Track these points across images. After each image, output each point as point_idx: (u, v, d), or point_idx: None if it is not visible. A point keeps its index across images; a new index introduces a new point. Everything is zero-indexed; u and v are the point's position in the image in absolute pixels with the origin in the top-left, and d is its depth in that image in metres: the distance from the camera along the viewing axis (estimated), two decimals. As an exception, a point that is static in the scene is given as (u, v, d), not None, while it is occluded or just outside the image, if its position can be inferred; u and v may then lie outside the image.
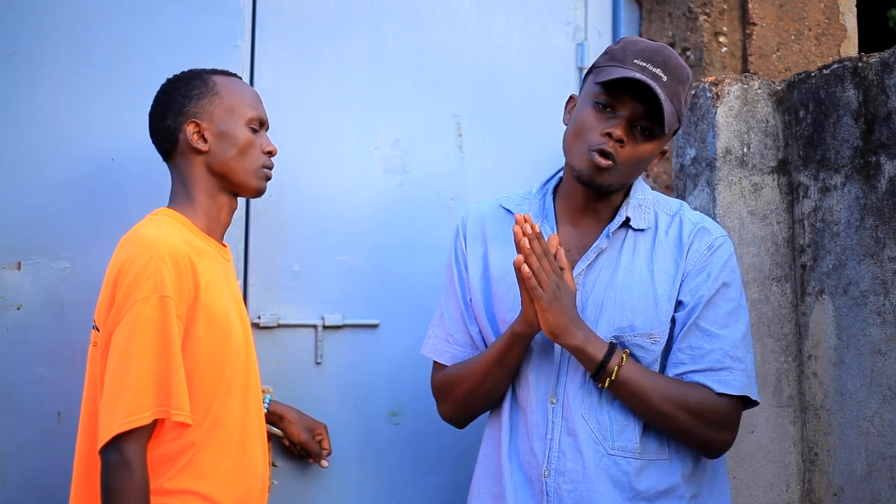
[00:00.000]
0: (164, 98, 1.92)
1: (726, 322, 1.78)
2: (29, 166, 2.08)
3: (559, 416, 1.79)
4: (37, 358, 2.05)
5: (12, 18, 2.08)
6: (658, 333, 1.78)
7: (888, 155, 2.01)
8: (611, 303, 1.80)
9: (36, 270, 2.07)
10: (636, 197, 1.87)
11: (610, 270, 1.82)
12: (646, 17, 2.66)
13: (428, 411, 2.34)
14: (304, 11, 2.33)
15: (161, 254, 1.72)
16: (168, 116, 1.90)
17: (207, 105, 1.89)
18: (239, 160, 1.89)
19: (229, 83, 1.93)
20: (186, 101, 1.89)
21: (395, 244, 2.35)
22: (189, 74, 1.94)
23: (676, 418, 1.73)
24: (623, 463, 1.75)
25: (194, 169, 1.89)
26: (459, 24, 2.46)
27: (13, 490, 2.03)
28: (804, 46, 2.54)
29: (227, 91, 1.91)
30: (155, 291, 1.70)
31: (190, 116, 1.88)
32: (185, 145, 1.88)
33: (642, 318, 1.78)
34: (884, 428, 2.00)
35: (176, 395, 1.69)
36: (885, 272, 2.00)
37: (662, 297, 1.79)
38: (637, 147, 1.77)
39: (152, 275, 1.70)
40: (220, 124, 1.88)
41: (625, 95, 1.75)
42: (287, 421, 2.16)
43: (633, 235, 1.84)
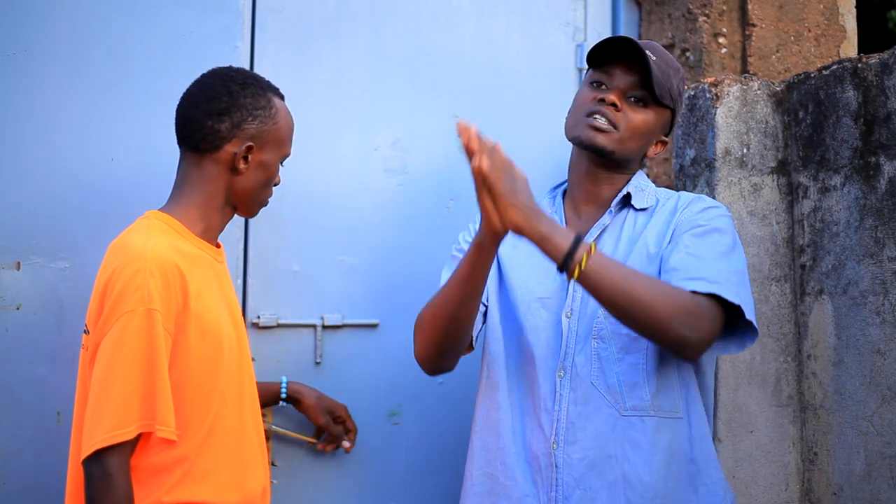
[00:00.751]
0: (226, 99, 1.83)
1: (720, 257, 1.76)
2: (29, 166, 2.08)
3: (566, 387, 1.81)
4: (36, 358, 2.05)
5: (12, 19, 2.08)
6: None
7: (888, 155, 2.01)
8: None
9: (36, 270, 2.07)
10: (637, 181, 1.92)
11: (612, 244, 1.87)
12: (645, 18, 2.66)
13: (428, 411, 2.34)
14: (304, 11, 2.33)
15: (148, 265, 1.69)
16: (225, 121, 1.81)
17: (266, 132, 1.84)
18: (260, 191, 1.88)
19: (283, 111, 1.89)
20: (249, 118, 1.83)
21: (394, 244, 2.35)
22: (254, 83, 1.87)
23: (654, 305, 1.66)
24: (637, 422, 1.76)
25: (217, 180, 1.83)
26: (459, 24, 2.46)
27: (13, 490, 2.03)
28: (804, 47, 2.54)
29: (282, 121, 1.87)
30: (142, 304, 1.67)
31: (250, 137, 1.82)
32: (227, 157, 1.82)
33: None
34: (883, 427, 2.00)
35: (161, 410, 1.66)
36: (884, 272, 2.00)
37: (654, 255, 1.82)
38: (632, 114, 1.85)
39: (139, 287, 1.67)
40: (265, 154, 1.85)
41: (615, 69, 1.86)
42: (305, 404, 2.15)
43: (634, 214, 1.90)
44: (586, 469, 1.76)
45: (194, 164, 1.83)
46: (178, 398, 1.73)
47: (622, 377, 1.78)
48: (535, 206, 1.65)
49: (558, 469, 1.78)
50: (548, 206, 1.99)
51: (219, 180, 1.83)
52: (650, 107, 1.86)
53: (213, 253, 1.88)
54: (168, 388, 1.68)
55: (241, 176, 1.83)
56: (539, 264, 1.88)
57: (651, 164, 2.60)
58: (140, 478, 1.69)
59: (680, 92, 1.90)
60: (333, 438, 2.20)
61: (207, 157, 1.82)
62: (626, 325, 1.71)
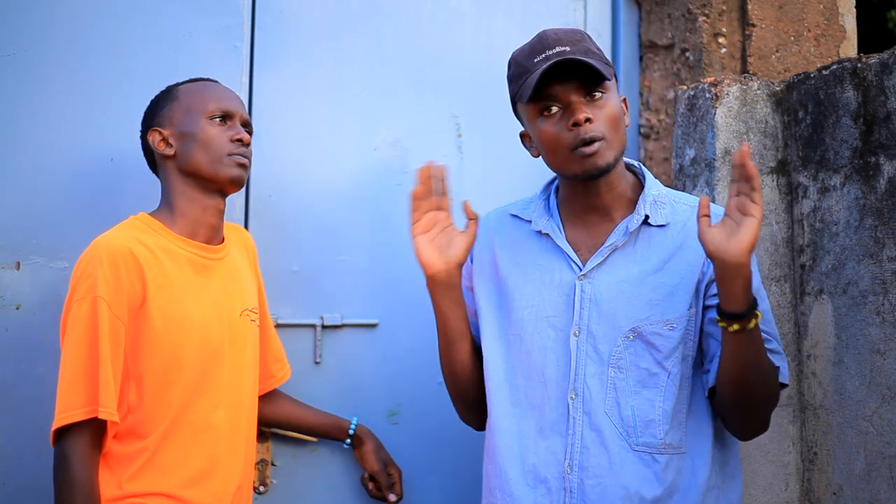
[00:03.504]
0: (142, 123, 2.00)
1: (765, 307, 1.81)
2: (29, 166, 2.09)
3: (580, 410, 1.78)
4: (36, 358, 2.05)
5: (13, 19, 2.09)
6: (675, 320, 1.77)
7: (887, 155, 2.01)
8: (625, 297, 1.78)
9: (35, 270, 2.07)
10: (651, 193, 1.84)
11: (625, 265, 1.80)
12: (645, 18, 2.66)
13: (427, 411, 2.34)
14: (304, 11, 2.33)
15: (99, 255, 1.77)
16: (142, 132, 1.98)
17: (167, 112, 1.94)
18: (203, 154, 1.90)
19: (192, 87, 1.96)
20: (151, 114, 1.96)
21: (394, 244, 2.35)
22: (162, 91, 2.00)
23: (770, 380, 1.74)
24: (648, 458, 1.74)
25: (169, 174, 1.94)
26: (459, 24, 2.46)
27: (13, 490, 2.03)
28: (803, 47, 2.54)
29: (186, 94, 1.95)
30: (89, 293, 1.76)
31: (153, 125, 1.94)
32: (158, 155, 1.94)
33: (659, 309, 1.77)
34: (883, 427, 2.00)
35: (101, 393, 1.72)
36: (884, 272, 2.00)
37: (680, 287, 1.78)
38: (602, 112, 1.75)
39: (88, 276, 1.77)
40: (180, 125, 1.92)
41: (553, 88, 1.75)
42: (365, 449, 2.19)
43: (649, 231, 1.82)
44: (598, 497, 1.74)
45: (159, 178, 1.98)
46: (139, 388, 1.79)
47: (637, 411, 1.76)
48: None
49: (571, 494, 1.75)
50: (542, 211, 1.91)
51: (169, 174, 1.93)
52: (605, 89, 1.77)
53: (202, 250, 1.90)
54: (110, 371, 1.74)
55: (175, 157, 1.92)
56: (542, 280, 1.85)
57: (651, 165, 2.60)
58: (106, 464, 1.77)
59: (599, 48, 1.82)
60: (380, 488, 2.20)
61: (156, 167, 1.97)
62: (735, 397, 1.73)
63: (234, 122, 1.94)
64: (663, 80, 2.62)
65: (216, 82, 2.01)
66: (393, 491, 2.19)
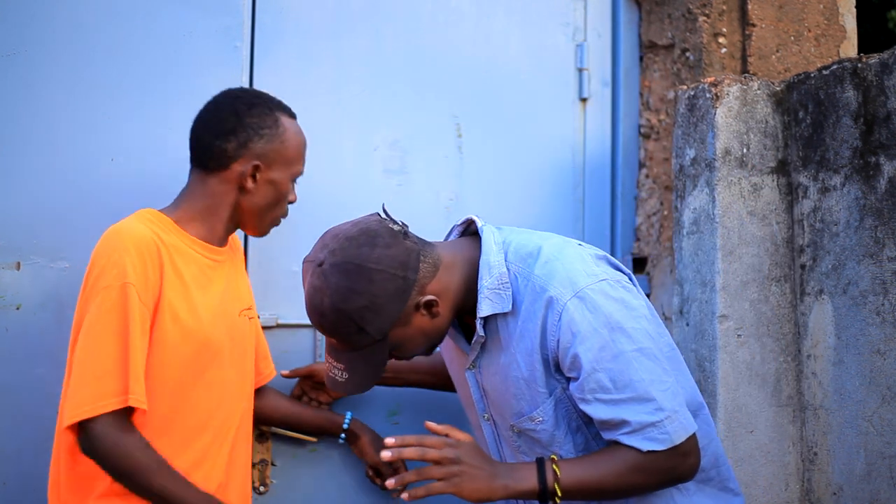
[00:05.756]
0: (233, 120, 1.87)
1: (624, 382, 1.65)
2: (29, 166, 2.08)
3: None
4: (36, 358, 2.05)
5: (13, 19, 2.08)
6: (539, 414, 1.75)
7: (887, 155, 2.01)
8: (499, 390, 1.80)
9: (35, 270, 2.07)
10: (484, 287, 1.73)
11: (496, 357, 1.79)
12: (645, 18, 2.66)
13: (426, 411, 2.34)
14: (304, 11, 2.33)
15: (124, 243, 1.76)
16: (231, 141, 1.86)
17: (272, 151, 1.88)
18: (268, 210, 1.93)
19: (293, 130, 1.93)
20: (255, 137, 1.87)
21: (394, 244, 2.35)
22: (261, 103, 1.91)
23: (638, 482, 1.69)
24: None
25: (224, 197, 1.89)
26: (459, 24, 2.46)
27: (13, 490, 2.03)
28: (803, 47, 2.54)
29: (290, 140, 1.91)
30: (117, 279, 1.74)
31: (256, 157, 1.87)
32: (235, 176, 1.87)
33: (525, 403, 1.76)
34: (883, 427, 2.00)
35: (132, 381, 1.72)
36: (884, 272, 2.00)
37: (531, 380, 1.74)
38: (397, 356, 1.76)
39: (116, 264, 1.75)
40: (273, 172, 1.90)
41: None
42: (363, 442, 2.18)
43: (505, 320, 1.76)
44: None
45: (201, 180, 1.90)
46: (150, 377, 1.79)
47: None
48: (485, 467, 1.65)
49: None
50: None
51: (225, 197, 1.89)
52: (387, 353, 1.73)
53: (208, 251, 1.90)
54: (141, 359, 1.74)
55: (248, 194, 1.89)
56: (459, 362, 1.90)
57: (651, 165, 2.60)
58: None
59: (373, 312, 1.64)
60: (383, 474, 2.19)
61: (215, 175, 1.88)
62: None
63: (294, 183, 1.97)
64: (663, 80, 2.62)
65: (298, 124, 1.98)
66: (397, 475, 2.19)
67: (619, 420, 1.66)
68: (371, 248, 1.66)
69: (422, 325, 1.71)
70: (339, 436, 2.20)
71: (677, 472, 1.71)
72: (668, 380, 1.69)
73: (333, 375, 1.74)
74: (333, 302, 1.65)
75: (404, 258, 1.67)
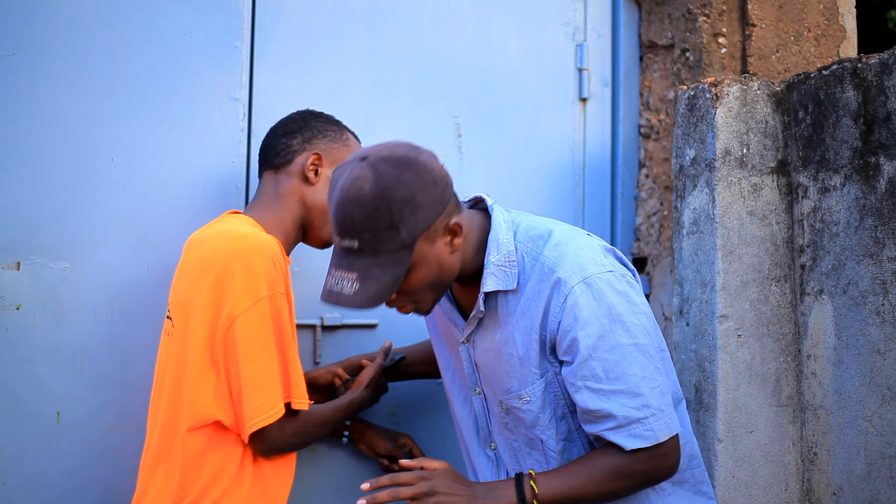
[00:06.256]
0: (300, 122, 2.01)
1: (617, 374, 1.66)
2: (29, 166, 2.08)
3: (501, 461, 1.88)
4: (36, 358, 2.05)
5: (13, 19, 2.08)
6: (527, 393, 1.76)
7: (887, 155, 2.01)
8: (492, 366, 1.81)
9: (36, 270, 2.07)
10: (491, 262, 1.74)
11: (491, 333, 1.80)
12: (645, 18, 2.66)
13: (426, 411, 2.34)
14: (303, 11, 2.33)
15: (267, 254, 1.80)
16: (296, 137, 1.98)
17: (334, 150, 1.99)
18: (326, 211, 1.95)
19: (356, 144, 2.05)
20: (319, 136, 1.99)
21: (394, 244, 2.35)
22: (331, 118, 2.04)
23: (618, 488, 1.71)
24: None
25: (293, 194, 1.97)
26: (459, 24, 2.46)
27: (13, 490, 2.03)
28: (803, 47, 2.54)
29: (353, 146, 2.03)
30: (271, 288, 1.79)
31: (316, 149, 1.98)
32: (298, 168, 1.96)
33: (516, 380, 1.77)
34: (883, 427, 2.00)
35: (294, 386, 1.83)
36: (884, 272, 2.00)
37: (525, 358, 1.75)
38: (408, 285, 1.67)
39: (266, 272, 1.79)
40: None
41: None
42: (369, 436, 2.21)
43: (505, 297, 1.77)
44: None
45: (271, 180, 1.99)
46: None
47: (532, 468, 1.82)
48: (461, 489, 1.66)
49: None
50: None
51: (293, 194, 1.96)
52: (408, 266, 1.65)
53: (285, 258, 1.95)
54: (298, 362, 1.85)
55: (312, 187, 1.96)
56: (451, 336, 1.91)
57: (651, 165, 2.60)
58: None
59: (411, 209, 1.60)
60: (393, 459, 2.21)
61: (282, 171, 1.97)
62: None
63: None
64: (663, 80, 2.62)
65: None
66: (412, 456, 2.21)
67: (605, 412, 1.67)
68: (418, 153, 1.65)
69: (441, 254, 1.67)
70: (343, 435, 2.20)
71: (656, 473, 1.73)
72: (658, 378, 1.70)
73: (339, 289, 1.63)
74: (376, 189, 1.58)
75: (444, 175, 1.67)
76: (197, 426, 1.78)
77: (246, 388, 1.77)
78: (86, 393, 2.08)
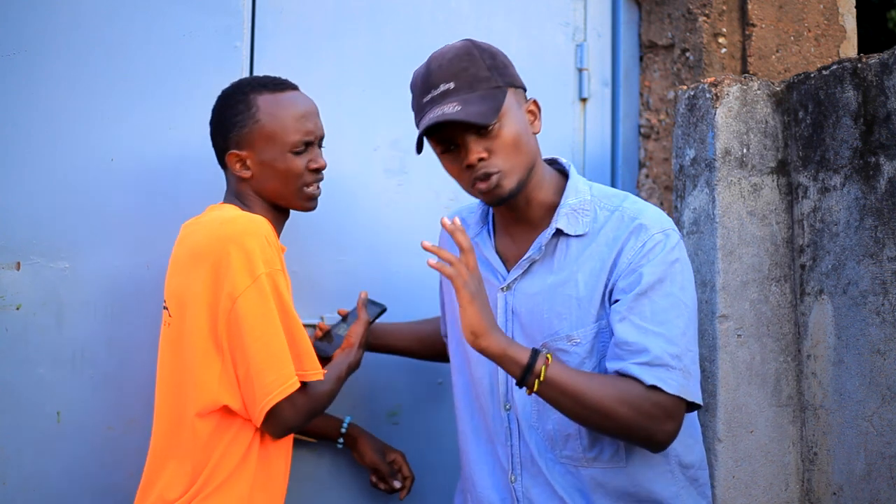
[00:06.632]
0: (216, 115, 1.95)
1: (663, 319, 1.69)
2: (29, 166, 2.09)
3: (515, 421, 1.83)
4: (36, 358, 2.06)
5: (13, 19, 2.09)
6: (578, 335, 1.76)
7: (887, 156, 2.01)
8: (539, 310, 1.79)
9: (36, 270, 2.07)
10: (568, 203, 1.79)
11: (541, 277, 1.80)
12: (645, 18, 2.66)
13: (426, 411, 2.34)
14: (304, 11, 2.33)
15: (259, 233, 1.79)
16: (218, 136, 1.94)
17: (248, 134, 1.89)
18: (281, 185, 1.91)
19: (272, 105, 1.90)
20: (231, 127, 1.91)
21: (394, 244, 2.35)
22: (234, 91, 1.94)
23: (615, 413, 1.65)
24: (574, 471, 1.76)
25: (243, 188, 1.93)
26: (459, 24, 2.46)
27: (13, 490, 2.03)
28: (803, 47, 2.54)
29: (268, 116, 1.89)
30: (267, 266, 1.78)
31: (236, 146, 1.90)
32: (232, 168, 1.92)
33: (567, 322, 1.76)
34: (883, 427, 2.00)
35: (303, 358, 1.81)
36: (884, 272, 2.00)
37: (585, 299, 1.75)
38: (496, 142, 1.71)
39: (261, 251, 1.77)
40: (261, 154, 1.90)
41: (445, 132, 1.73)
42: (361, 445, 2.20)
43: (567, 241, 1.79)
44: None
45: (227, 177, 1.97)
46: None
47: (557, 426, 1.78)
48: (493, 320, 1.64)
49: (518, 502, 1.81)
50: (478, 218, 1.92)
51: (243, 188, 1.93)
52: (497, 120, 1.71)
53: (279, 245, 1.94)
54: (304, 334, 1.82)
55: (253, 180, 1.92)
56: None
57: (651, 165, 2.60)
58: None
59: (492, 63, 1.74)
60: (383, 477, 2.20)
61: (226, 170, 1.96)
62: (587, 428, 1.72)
63: (313, 147, 1.94)
64: (663, 80, 2.62)
65: (295, 91, 1.96)
66: (400, 474, 2.19)
67: (641, 346, 1.67)
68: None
69: (525, 125, 1.76)
70: (338, 440, 2.20)
71: (653, 429, 1.67)
72: (695, 346, 1.74)
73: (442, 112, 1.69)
74: (464, 43, 1.76)
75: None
76: (205, 412, 1.77)
77: (255, 367, 1.75)
78: (86, 393, 2.08)
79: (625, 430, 1.67)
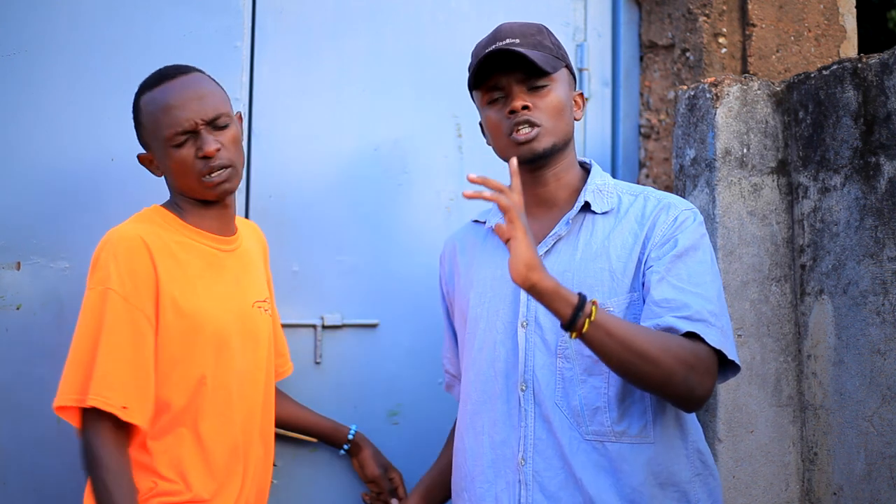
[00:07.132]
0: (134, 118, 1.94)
1: (699, 281, 1.72)
2: (29, 166, 2.09)
3: (531, 402, 1.78)
4: (36, 358, 2.06)
5: (13, 19, 2.09)
6: (612, 304, 1.76)
7: (888, 155, 2.01)
8: (568, 285, 1.74)
9: (36, 270, 2.07)
10: (594, 182, 1.86)
11: (568, 254, 1.81)
12: (645, 18, 2.66)
13: (427, 411, 2.34)
14: (304, 11, 2.33)
15: (114, 247, 1.78)
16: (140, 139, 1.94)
17: (143, 137, 1.91)
18: (181, 180, 1.87)
19: (148, 104, 1.86)
20: (140, 130, 1.91)
21: (394, 244, 2.35)
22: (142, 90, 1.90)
23: (660, 360, 1.62)
24: (600, 447, 1.73)
25: (168, 187, 1.94)
26: (459, 24, 2.46)
27: (13, 490, 2.03)
28: (804, 47, 2.54)
29: (146, 116, 1.86)
30: (100, 283, 1.76)
31: (142, 145, 1.92)
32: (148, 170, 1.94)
33: (600, 293, 1.76)
34: (883, 427, 2.00)
35: (94, 383, 1.71)
36: (884, 272, 2.00)
37: (618, 270, 1.77)
38: (542, 101, 1.80)
39: (102, 267, 1.77)
40: (156, 153, 1.89)
41: (498, 79, 1.81)
42: (364, 455, 2.20)
43: (593, 219, 1.83)
44: (556, 489, 1.74)
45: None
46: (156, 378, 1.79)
47: (584, 400, 1.75)
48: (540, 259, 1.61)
49: (527, 486, 1.76)
50: (496, 209, 1.93)
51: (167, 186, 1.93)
52: (549, 82, 1.81)
53: (214, 242, 1.89)
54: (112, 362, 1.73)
55: (167, 178, 1.92)
56: (493, 276, 1.86)
57: (651, 165, 2.60)
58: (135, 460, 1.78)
59: (556, 42, 1.88)
60: (381, 493, 2.20)
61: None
62: (629, 381, 1.69)
63: (197, 135, 1.84)
64: (663, 80, 2.62)
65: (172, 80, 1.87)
66: (396, 495, 2.19)
67: (682, 302, 1.69)
68: None
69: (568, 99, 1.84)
70: (342, 447, 2.20)
71: (694, 382, 1.66)
72: (728, 315, 1.78)
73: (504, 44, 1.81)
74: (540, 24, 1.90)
75: None
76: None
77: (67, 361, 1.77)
78: (86, 393, 2.08)
79: (667, 378, 1.64)
